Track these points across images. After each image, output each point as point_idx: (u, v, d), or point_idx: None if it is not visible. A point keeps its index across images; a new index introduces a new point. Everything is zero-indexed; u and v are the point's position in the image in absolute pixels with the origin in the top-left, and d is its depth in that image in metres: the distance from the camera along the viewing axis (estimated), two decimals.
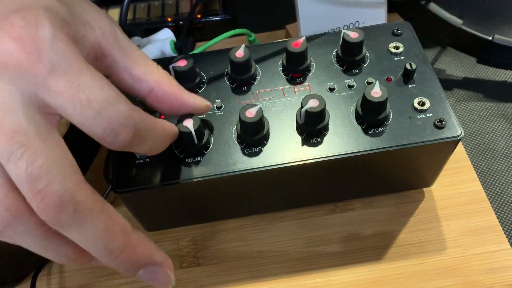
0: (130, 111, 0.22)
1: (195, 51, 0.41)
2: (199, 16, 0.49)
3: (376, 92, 0.30)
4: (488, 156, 0.41)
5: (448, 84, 0.46)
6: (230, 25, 0.49)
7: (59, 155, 0.21)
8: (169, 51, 0.43)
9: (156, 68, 0.27)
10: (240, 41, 0.46)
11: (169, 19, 0.49)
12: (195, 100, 0.29)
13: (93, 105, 0.21)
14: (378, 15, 0.42)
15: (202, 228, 0.37)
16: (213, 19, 0.49)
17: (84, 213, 0.21)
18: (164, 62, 0.34)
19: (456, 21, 0.43)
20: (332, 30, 0.42)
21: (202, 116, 0.33)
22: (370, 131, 0.31)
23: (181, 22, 0.48)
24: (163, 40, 0.44)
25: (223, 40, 0.41)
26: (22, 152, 0.20)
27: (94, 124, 0.21)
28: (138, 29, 0.49)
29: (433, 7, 0.43)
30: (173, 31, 0.47)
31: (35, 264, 0.34)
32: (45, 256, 0.23)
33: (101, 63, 0.25)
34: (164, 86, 0.27)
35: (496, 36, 0.42)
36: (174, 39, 0.46)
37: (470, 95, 0.45)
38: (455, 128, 0.30)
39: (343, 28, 0.43)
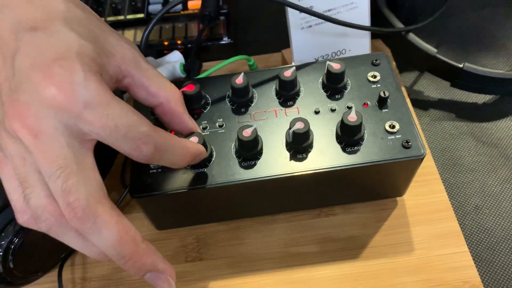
0: (150, 132, 0.27)
1: (201, 75, 0.46)
2: (205, 39, 0.54)
3: (352, 117, 0.35)
4: (455, 170, 0.46)
5: (425, 105, 0.51)
6: (233, 48, 0.55)
7: (88, 176, 0.26)
8: (179, 72, 0.48)
9: (169, 86, 0.32)
10: (241, 64, 0.52)
11: (179, 42, 0.54)
12: (191, 123, 0.34)
13: (120, 129, 0.26)
14: (363, 44, 0.47)
15: (204, 228, 0.42)
16: (217, 42, 0.54)
17: (101, 224, 0.26)
18: (176, 84, 0.40)
19: (432, 50, 0.48)
20: (322, 57, 0.47)
21: (206, 133, 0.38)
22: (347, 149, 0.36)
23: (189, 45, 0.53)
24: (174, 62, 0.49)
25: (227, 64, 0.46)
26: (60, 173, 0.25)
27: (122, 144, 0.27)
28: (151, 50, 0.54)
29: (412, 37, 0.48)
30: (182, 52, 0.52)
31: (61, 256, 0.40)
32: (81, 252, 0.28)
33: (122, 82, 0.30)
34: (171, 103, 0.32)
35: (466, 64, 0.47)
36: (183, 60, 0.51)
37: (444, 115, 0.50)
38: (419, 149, 0.35)
39: (332, 55, 0.48)
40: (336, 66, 0.38)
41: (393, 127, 0.37)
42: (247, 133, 0.35)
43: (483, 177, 0.45)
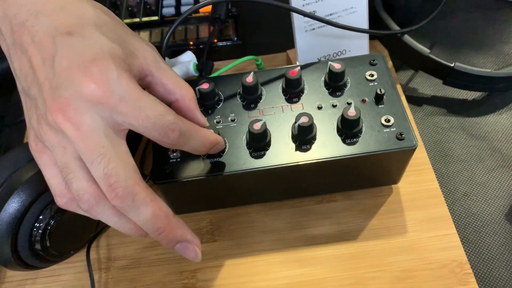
0: (176, 120, 0.31)
1: (214, 74, 0.50)
2: (215, 40, 0.58)
3: (352, 112, 0.39)
4: (446, 161, 0.49)
5: (419, 101, 0.55)
6: (241, 48, 0.58)
7: (125, 160, 0.30)
8: (192, 71, 0.52)
9: (184, 85, 0.35)
10: (249, 64, 0.56)
11: (191, 43, 0.58)
12: (201, 118, 0.37)
13: (150, 119, 0.30)
14: (362, 45, 0.51)
15: (218, 213, 0.46)
16: (227, 43, 0.58)
17: (139, 202, 0.30)
18: (190, 83, 0.44)
19: (425, 50, 0.51)
20: (324, 57, 0.51)
21: (219, 126, 0.42)
22: (347, 141, 0.40)
23: (201, 46, 0.57)
24: (187, 62, 0.53)
25: (236, 64, 0.50)
26: (101, 159, 0.29)
27: (152, 131, 0.30)
28: (166, 50, 0.58)
29: (406, 38, 0.52)
30: (194, 52, 0.56)
31: (89, 237, 0.44)
32: (116, 228, 0.32)
33: (143, 80, 0.33)
34: (185, 100, 0.35)
35: (457, 63, 0.51)
36: (195, 60, 0.55)
37: (436, 110, 0.54)
38: (412, 140, 0.39)
39: (333, 55, 0.52)
40: (337, 66, 0.42)
41: (388, 121, 0.40)
42: (257, 126, 0.39)
43: (471, 167, 0.49)
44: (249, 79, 0.42)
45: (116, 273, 0.43)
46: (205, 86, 0.42)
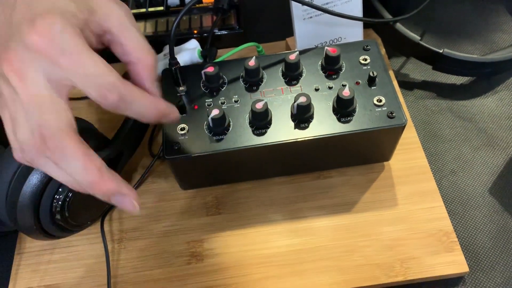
0: (116, 82, 0.30)
1: (218, 59, 0.53)
2: (218, 29, 0.61)
3: (346, 92, 0.42)
4: (435, 141, 0.52)
5: (410, 85, 0.58)
6: (243, 36, 0.61)
7: (60, 114, 0.30)
8: (196, 58, 0.55)
9: (144, 49, 0.34)
10: (250, 50, 0.58)
11: (195, 31, 0.61)
12: (153, 88, 0.35)
13: (89, 77, 0.29)
14: (356, 33, 0.54)
15: (222, 188, 0.49)
16: (229, 32, 0.61)
17: (68, 154, 0.29)
18: (196, 67, 0.47)
19: (415, 37, 0.54)
20: (321, 44, 0.54)
21: (224, 107, 0.45)
22: (342, 119, 0.43)
23: (205, 34, 0.60)
24: (192, 49, 0.56)
25: (239, 50, 0.53)
26: (37, 109, 0.29)
27: (90, 90, 0.30)
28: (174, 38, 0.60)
29: (398, 26, 0.55)
30: (198, 40, 0.59)
31: (103, 210, 0.47)
32: (57, 179, 0.32)
33: (103, 38, 0.33)
34: (139, 64, 0.34)
35: (445, 50, 0.54)
36: (200, 47, 0.57)
37: (426, 94, 0.57)
38: (401, 118, 0.42)
39: (329, 42, 0.54)
40: (332, 51, 0.45)
41: (380, 101, 0.43)
42: (259, 106, 0.42)
43: (458, 146, 0.52)
44: (251, 63, 0.45)
45: (128, 243, 0.46)
46: (210, 69, 0.45)
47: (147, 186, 0.50)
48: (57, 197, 0.39)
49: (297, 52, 0.45)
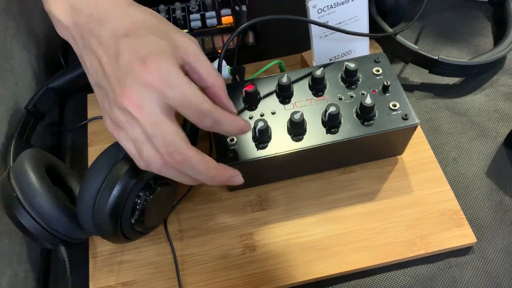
0: (211, 108, 0.37)
1: (250, 77, 0.59)
2: (239, 47, 0.68)
3: (369, 101, 0.49)
4: (437, 134, 0.61)
5: (410, 87, 0.66)
6: (262, 53, 0.68)
7: (177, 132, 0.36)
8: (227, 75, 0.62)
9: (215, 75, 0.40)
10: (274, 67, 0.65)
11: (219, 51, 0.67)
12: (229, 104, 0.42)
13: (191, 106, 0.36)
14: (364, 46, 0.62)
15: (261, 188, 0.56)
16: (250, 49, 0.68)
17: (193, 162, 0.37)
18: (234, 85, 0.54)
19: (414, 47, 0.62)
20: (334, 57, 0.61)
21: (263, 118, 0.51)
22: (365, 123, 0.50)
23: (228, 53, 0.67)
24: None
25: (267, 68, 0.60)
26: (160, 132, 0.35)
27: (191, 115, 0.37)
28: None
29: (399, 38, 0.63)
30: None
31: (167, 215, 0.53)
32: (179, 181, 0.40)
33: (183, 68, 0.38)
34: (215, 87, 0.41)
35: (440, 56, 0.62)
36: (227, 66, 0.64)
37: (425, 94, 0.65)
38: (414, 120, 0.50)
39: (341, 55, 0.62)
40: (352, 65, 0.52)
41: (395, 106, 0.51)
42: (297, 116, 0.49)
43: (457, 137, 0.60)
44: (284, 79, 0.52)
45: (189, 241, 0.53)
46: (250, 87, 0.52)
47: (196, 189, 0.56)
48: (137, 206, 0.45)
49: (322, 68, 0.53)
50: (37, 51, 0.68)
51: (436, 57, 0.62)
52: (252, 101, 0.53)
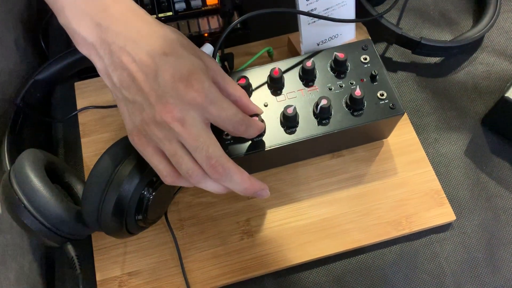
0: (243, 117, 0.41)
1: (240, 68, 0.59)
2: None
3: (358, 92, 0.51)
4: (419, 115, 0.63)
5: (394, 68, 0.67)
6: (248, 35, 0.67)
7: (216, 145, 0.39)
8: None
9: (238, 88, 0.44)
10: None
11: (206, 34, 0.66)
12: (256, 109, 0.46)
13: (228, 117, 0.40)
14: (350, 29, 0.62)
15: (257, 175, 0.57)
16: (237, 33, 0.67)
17: (231, 174, 0.40)
18: None
19: (398, 29, 0.63)
20: (321, 41, 0.62)
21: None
22: (355, 113, 0.52)
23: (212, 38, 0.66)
24: (209, 53, 0.62)
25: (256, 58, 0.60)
26: (202, 146, 0.38)
27: (228, 126, 0.40)
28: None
29: (384, 21, 0.63)
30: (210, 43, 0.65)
31: (167, 206, 0.55)
32: (213, 191, 0.42)
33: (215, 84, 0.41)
34: (242, 99, 0.44)
35: (423, 38, 0.63)
36: (212, 51, 0.63)
37: (408, 75, 0.66)
38: (401, 109, 0.52)
39: (328, 39, 0.62)
40: (341, 56, 0.53)
41: (382, 95, 0.53)
42: (290, 110, 0.50)
43: (438, 118, 0.63)
44: (276, 71, 0.52)
45: (188, 229, 0.55)
46: (242, 81, 0.52)
47: None
48: (141, 203, 0.46)
49: (312, 59, 0.53)
50: (16, 36, 0.65)
51: (419, 39, 0.63)
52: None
